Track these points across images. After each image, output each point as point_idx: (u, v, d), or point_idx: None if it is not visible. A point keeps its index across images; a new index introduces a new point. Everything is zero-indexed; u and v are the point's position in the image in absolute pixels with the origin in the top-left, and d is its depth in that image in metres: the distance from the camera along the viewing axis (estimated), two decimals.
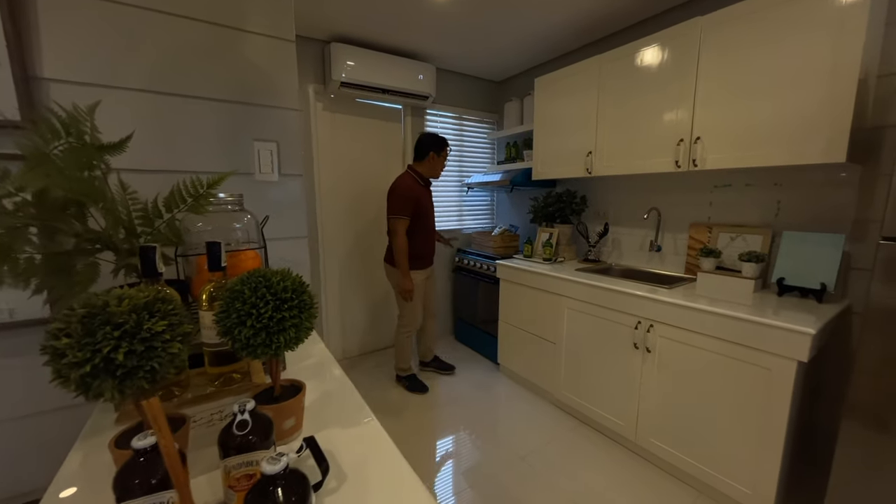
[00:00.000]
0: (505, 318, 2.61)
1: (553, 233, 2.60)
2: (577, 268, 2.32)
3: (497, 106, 3.34)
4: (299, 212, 1.18)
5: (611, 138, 2.12)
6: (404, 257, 2.22)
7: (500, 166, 3.12)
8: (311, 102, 2.51)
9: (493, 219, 3.61)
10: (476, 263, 2.94)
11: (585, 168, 2.25)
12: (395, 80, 2.59)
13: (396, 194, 2.23)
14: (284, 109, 1.12)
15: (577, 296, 2.05)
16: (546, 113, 2.51)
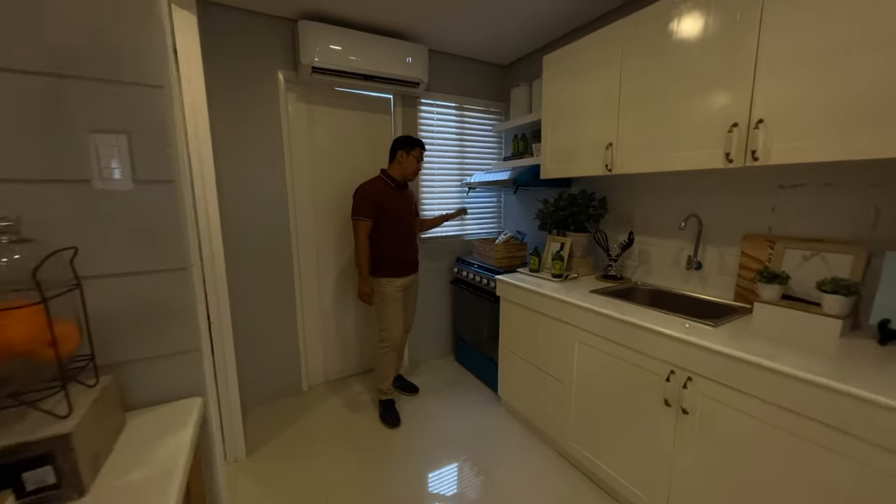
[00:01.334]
0: (506, 344, 2.20)
1: (565, 243, 2.16)
2: (592, 288, 1.87)
3: (504, 94, 2.90)
4: (174, 233, 0.83)
5: (637, 126, 1.66)
6: (363, 259, 2.06)
7: (507, 163, 2.70)
8: (281, 92, 2.18)
9: (500, 223, 3.18)
10: (475, 276, 2.54)
11: (604, 164, 1.80)
12: (377, 63, 2.22)
13: (357, 195, 2.08)
14: (140, 86, 0.77)
15: (591, 327, 1.61)
16: (556, 98, 2.07)
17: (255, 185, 2.18)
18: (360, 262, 2.06)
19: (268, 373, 2.36)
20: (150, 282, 0.81)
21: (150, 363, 0.83)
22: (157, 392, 0.84)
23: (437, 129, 2.75)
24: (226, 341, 1.76)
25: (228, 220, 2.13)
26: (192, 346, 0.87)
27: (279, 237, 2.29)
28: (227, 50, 2.01)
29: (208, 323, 1.53)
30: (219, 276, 1.71)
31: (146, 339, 0.82)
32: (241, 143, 2.12)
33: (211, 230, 1.67)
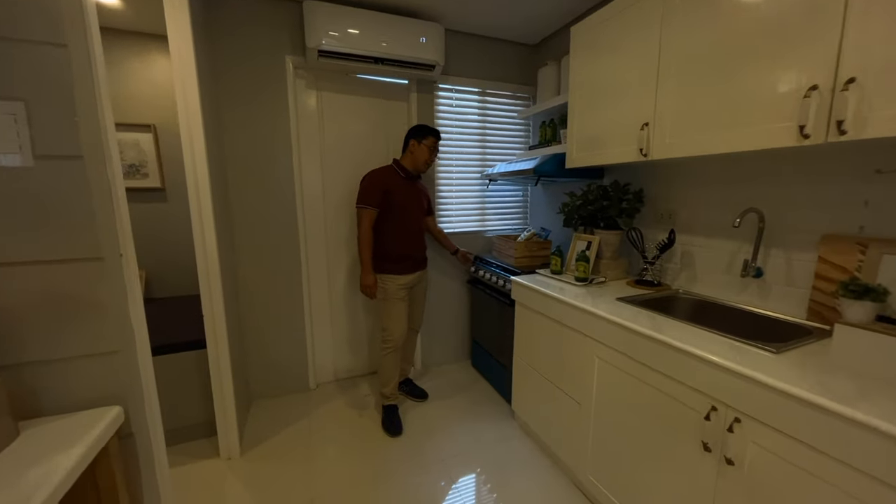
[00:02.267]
0: (520, 354, 1.97)
1: (592, 241, 1.87)
2: (621, 295, 1.59)
3: (532, 77, 2.63)
4: (84, 218, 0.71)
5: (680, 101, 1.36)
6: (366, 249, 1.94)
7: (533, 152, 2.44)
8: (290, 79, 2.10)
9: (526, 219, 2.92)
10: (492, 277, 2.32)
11: (638, 148, 1.51)
12: (388, 45, 2.06)
13: (364, 182, 1.97)
14: (35, 44, 0.66)
15: (614, 343, 1.35)
16: (583, 75, 1.79)
17: (261, 177, 2.12)
18: (361, 252, 1.95)
19: (275, 368, 2.31)
20: (53, 273, 0.70)
21: (57, 365, 0.73)
22: (67, 398, 0.74)
23: (457, 117, 2.55)
24: (219, 336, 1.70)
25: (236, 211, 2.09)
26: (111, 347, 0.76)
27: (287, 229, 2.22)
28: (233, 36, 1.96)
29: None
30: (212, 267, 1.65)
31: (50, 338, 0.72)
32: (248, 132, 2.06)
33: (203, 221, 1.62)
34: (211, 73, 1.84)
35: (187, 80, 1.51)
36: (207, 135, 1.62)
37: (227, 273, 1.86)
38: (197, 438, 1.91)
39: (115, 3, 1.93)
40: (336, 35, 1.95)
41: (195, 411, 1.88)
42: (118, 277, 0.79)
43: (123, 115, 2.36)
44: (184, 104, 1.52)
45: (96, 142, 0.74)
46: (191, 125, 1.54)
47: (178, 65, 1.49)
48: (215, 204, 1.67)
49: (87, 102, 0.72)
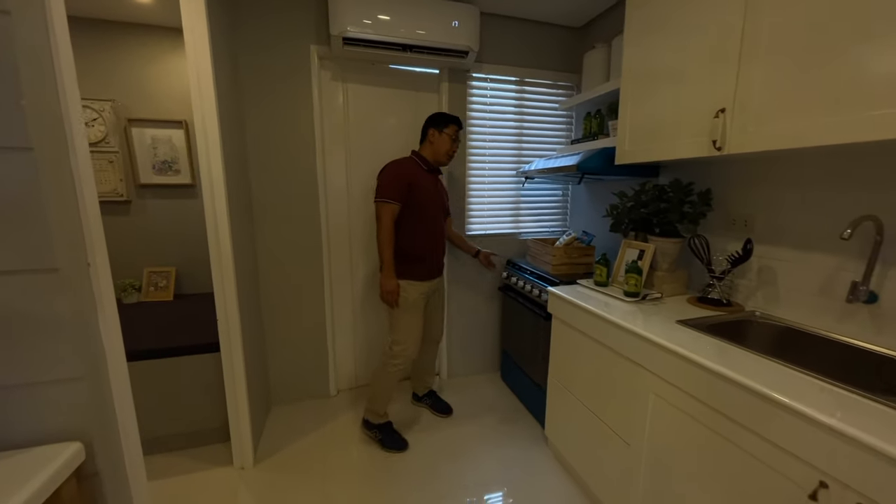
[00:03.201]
0: (556, 374, 1.74)
1: (645, 250, 1.61)
2: (682, 317, 1.33)
3: (577, 63, 2.37)
4: (30, 220, 0.60)
5: (774, 79, 1.08)
6: (388, 249, 1.73)
7: (576, 146, 2.18)
8: (314, 70, 1.99)
9: (565, 221, 2.66)
10: (525, 285, 2.10)
11: (710, 140, 1.24)
12: (417, 30, 1.89)
13: (385, 174, 1.78)
14: None
15: (675, 378, 1.10)
16: (640, 56, 1.52)
17: (283, 173, 2.03)
18: (382, 252, 1.74)
19: (295, 373, 2.23)
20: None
21: (7, 393, 0.62)
22: (22, 431, 0.64)
23: (492, 109, 2.35)
24: (233, 340, 1.62)
25: (257, 209, 2.02)
26: (70, 373, 0.65)
27: (309, 228, 2.12)
28: (256, 26, 1.87)
29: None
30: (226, 267, 1.57)
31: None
32: (270, 126, 1.98)
33: (218, 220, 1.53)
34: (232, 65, 1.76)
35: (202, 72, 1.42)
36: (223, 129, 1.54)
37: (245, 273, 1.78)
38: (214, 443, 1.86)
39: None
40: (361, 21, 1.81)
41: (213, 414, 1.82)
42: (82, 290, 0.67)
43: (157, 112, 2.36)
44: (198, 97, 1.44)
45: (53, 131, 0.62)
46: (205, 119, 1.46)
47: (192, 57, 1.40)
48: (231, 201, 1.59)
49: (40, 83, 0.60)
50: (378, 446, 1.87)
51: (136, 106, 2.31)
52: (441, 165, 1.89)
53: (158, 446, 1.79)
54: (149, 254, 2.45)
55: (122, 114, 2.30)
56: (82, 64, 2.18)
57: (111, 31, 2.18)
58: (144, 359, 1.70)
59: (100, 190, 2.30)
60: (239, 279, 1.65)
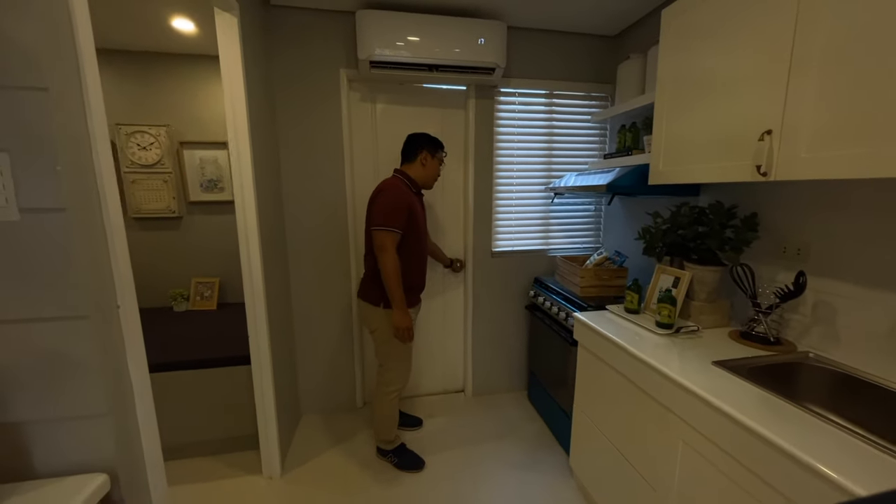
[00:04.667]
0: (581, 405, 1.66)
1: (681, 277, 1.49)
2: (719, 358, 1.21)
3: (611, 73, 2.26)
4: (69, 271, 0.66)
5: (828, 99, 0.96)
6: (397, 284, 1.61)
7: (609, 161, 2.08)
8: (344, 92, 2.05)
9: (598, 238, 2.54)
10: (552, 306, 2.03)
11: (754, 165, 1.12)
12: (442, 49, 1.89)
13: (386, 199, 1.64)
14: (14, 89, 0.61)
15: (708, 430, 1.01)
16: (676, 67, 1.42)
17: (313, 194, 2.11)
18: (393, 287, 1.60)
19: (324, 385, 2.30)
20: (35, 331, 0.66)
21: (40, 427, 0.69)
22: (53, 461, 0.70)
23: (520, 124, 2.29)
24: (262, 353, 1.70)
25: (288, 228, 2.11)
26: (95, 409, 0.70)
27: (337, 246, 2.19)
28: (290, 54, 1.96)
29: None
30: (256, 285, 1.65)
31: (33, 398, 0.68)
32: (302, 148, 2.06)
33: (249, 244, 1.62)
34: (266, 90, 1.86)
35: (236, 98, 1.51)
36: (255, 151, 1.62)
37: (276, 287, 1.86)
38: (248, 449, 1.96)
39: (192, 30, 2.06)
40: (387, 44, 1.84)
41: (247, 422, 1.92)
42: (111, 332, 0.73)
43: (204, 134, 2.54)
44: (232, 121, 1.53)
45: (85, 191, 0.68)
46: (238, 141, 1.55)
47: (227, 84, 1.50)
48: (262, 218, 1.68)
49: (75, 149, 0.66)
50: (394, 468, 1.87)
51: (187, 129, 2.51)
52: (426, 189, 1.84)
53: (197, 450, 1.92)
54: (196, 265, 2.64)
55: (175, 137, 2.51)
56: (141, 93, 2.40)
57: (165, 62, 2.38)
58: (186, 369, 1.84)
59: (154, 207, 2.52)
60: (269, 294, 1.73)
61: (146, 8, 1.84)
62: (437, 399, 2.48)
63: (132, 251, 2.44)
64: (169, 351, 1.93)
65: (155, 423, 0.84)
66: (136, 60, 2.35)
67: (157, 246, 2.57)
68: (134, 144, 2.46)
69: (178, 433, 1.85)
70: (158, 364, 1.81)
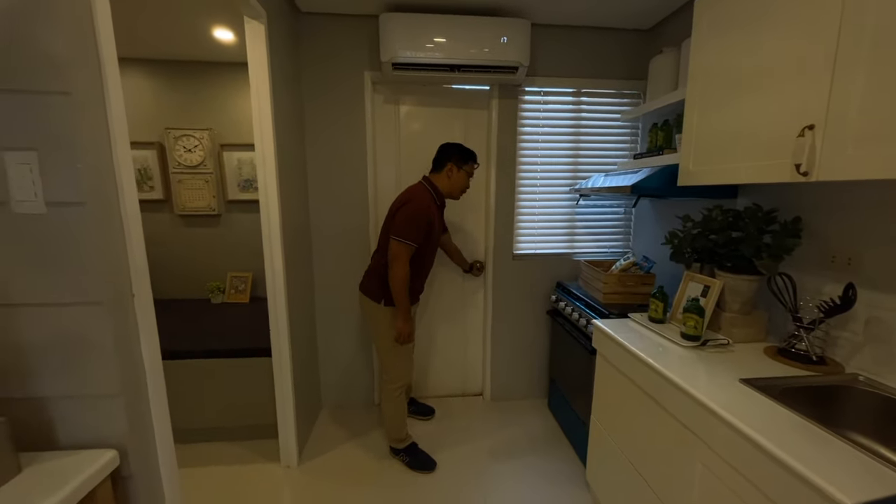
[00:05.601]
0: (599, 417, 1.58)
1: (711, 286, 1.38)
2: (748, 375, 1.11)
3: (643, 69, 2.15)
4: (87, 261, 0.72)
5: (878, 92, 0.85)
6: (404, 292, 1.66)
7: (639, 161, 1.97)
8: (368, 95, 2.09)
9: (628, 242, 2.42)
10: (573, 312, 1.95)
11: (793, 164, 1.02)
12: (465, 49, 1.88)
13: (410, 213, 1.65)
14: (41, 94, 0.67)
15: (729, 455, 0.92)
16: (709, 60, 1.32)
17: (336, 197, 2.17)
18: (401, 296, 1.65)
19: (343, 380, 2.36)
20: (56, 315, 0.72)
21: (60, 403, 0.75)
22: (71, 435, 0.77)
23: (545, 123, 2.23)
24: (282, 346, 1.77)
25: (314, 228, 2.19)
26: (109, 390, 0.76)
27: (358, 244, 2.24)
28: (317, 58, 2.03)
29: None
30: (278, 285, 1.72)
31: (53, 376, 0.74)
32: (327, 151, 2.13)
33: (272, 242, 1.69)
34: (293, 96, 1.93)
35: (262, 102, 1.58)
36: (280, 153, 1.69)
37: (298, 284, 1.94)
38: (268, 438, 2.04)
39: (232, 39, 2.19)
40: (409, 46, 1.86)
41: (270, 412, 2.01)
42: (126, 318, 0.79)
43: (242, 137, 2.68)
44: (259, 125, 1.60)
45: (104, 186, 0.74)
46: (263, 144, 1.62)
47: (255, 90, 1.57)
48: (285, 218, 1.75)
49: (95, 148, 0.72)
50: (407, 468, 1.88)
51: (227, 132, 2.67)
52: (452, 199, 1.84)
53: (222, 434, 2.03)
54: (232, 260, 2.80)
55: (216, 140, 2.68)
56: (187, 99, 2.59)
57: (208, 70, 2.56)
58: (215, 357, 1.95)
59: (196, 206, 2.70)
60: (290, 291, 1.80)
61: (191, 21, 1.98)
62: (455, 401, 2.46)
63: (177, 246, 2.62)
64: (201, 340, 2.05)
65: (166, 405, 0.90)
66: (184, 70, 2.54)
67: (198, 241, 2.75)
68: (181, 147, 2.65)
69: (204, 417, 1.97)
70: (189, 351, 1.94)
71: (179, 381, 1.92)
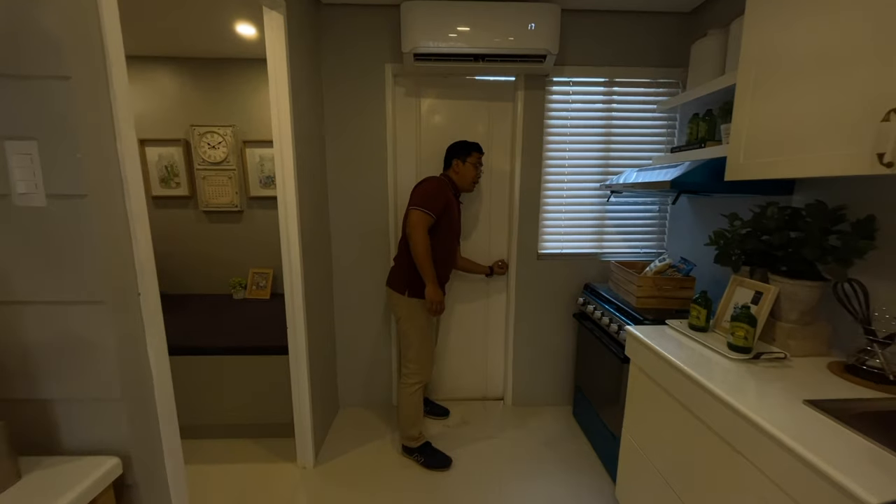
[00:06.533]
0: (632, 431, 1.47)
1: (764, 293, 1.24)
2: (812, 396, 0.97)
3: (682, 55, 1.99)
4: (82, 259, 0.68)
5: None
6: (428, 260, 1.66)
7: (677, 155, 1.82)
8: (389, 87, 2.03)
9: (662, 242, 2.26)
10: (602, 316, 1.82)
11: (875, 154, 0.87)
12: (489, 38, 1.78)
13: (428, 185, 1.74)
14: (40, 79, 0.63)
15: (793, 488, 0.80)
16: (768, 38, 1.17)
17: (356, 192, 2.12)
18: (424, 263, 1.66)
19: (361, 380, 2.32)
20: (59, 314, 0.69)
21: (61, 406, 0.72)
22: (73, 440, 0.73)
23: (574, 115, 2.11)
24: (299, 347, 1.74)
25: (333, 224, 2.15)
26: (112, 394, 0.72)
27: (379, 243, 2.18)
28: (337, 50, 1.98)
29: None
30: (295, 283, 1.69)
31: (55, 377, 0.71)
32: (348, 146, 2.08)
33: (290, 239, 1.66)
34: (314, 89, 1.89)
35: (280, 98, 1.55)
36: (298, 149, 1.65)
37: (317, 283, 1.90)
38: (285, 437, 2.02)
39: (254, 35, 2.18)
40: (431, 35, 1.78)
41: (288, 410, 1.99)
42: (128, 320, 0.74)
43: (263, 133, 2.68)
44: (277, 121, 1.57)
45: (107, 178, 0.70)
46: (282, 140, 1.58)
47: (273, 86, 1.54)
48: (303, 215, 1.71)
49: (96, 137, 0.68)
50: (421, 468, 1.83)
51: (249, 129, 2.67)
52: (466, 192, 1.92)
53: (240, 431, 2.02)
54: (255, 256, 2.81)
55: (239, 137, 2.69)
56: (212, 96, 2.61)
57: (232, 66, 2.56)
58: (234, 354, 1.94)
59: (219, 202, 2.72)
60: (308, 288, 1.76)
61: (213, 16, 1.97)
62: (475, 405, 2.38)
63: (201, 241, 2.62)
64: (221, 336, 2.05)
65: (174, 411, 0.86)
66: (209, 66, 2.55)
67: (221, 237, 2.78)
68: (205, 144, 2.67)
69: (222, 413, 1.97)
70: (208, 347, 1.94)
71: (198, 377, 1.93)
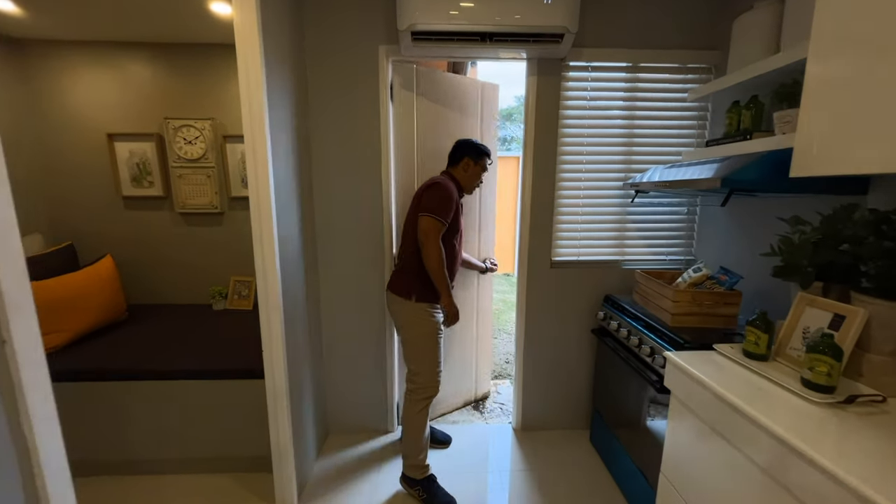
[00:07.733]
0: (670, 473, 1.22)
1: (848, 315, 1.00)
2: None
3: (716, 37, 1.75)
4: None
5: None
6: (442, 271, 1.55)
7: (712, 149, 1.58)
8: (383, 73, 1.78)
9: (690, 249, 2.02)
10: (629, 334, 1.58)
11: None
12: (499, 13, 1.54)
13: (439, 190, 1.57)
14: None
15: None
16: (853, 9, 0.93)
17: (345, 192, 1.86)
18: (439, 275, 1.55)
19: (354, 404, 2.07)
20: None
21: None
22: None
23: (592, 105, 1.87)
24: (276, 370, 1.48)
25: (322, 231, 1.90)
26: None
27: (371, 250, 1.93)
28: (322, 28, 1.74)
29: None
30: (272, 295, 1.43)
31: None
32: (337, 140, 1.83)
33: (264, 246, 1.41)
34: (295, 71, 1.64)
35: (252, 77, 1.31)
36: (275, 143, 1.41)
37: (297, 294, 1.65)
38: (265, 471, 1.77)
39: (230, 14, 1.93)
40: (431, 10, 1.53)
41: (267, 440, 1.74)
42: None
43: None
44: (248, 112, 1.32)
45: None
46: (254, 133, 1.34)
47: (242, 59, 1.30)
48: (280, 219, 1.46)
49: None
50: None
51: (230, 122, 2.42)
52: (466, 194, 1.77)
53: (215, 465, 1.77)
54: (236, 263, 2.55)
55: (219, 131, 2.43)
56: (187, 87, 2.35)
57: (210, 53, 2.31)
58: (205, 378, 1.69)
59: (198, 202, 2.46)
60: (288, 304, 1.52)
61: None
62: (478, 428, 2.14)
63: (177, 247, 2.34)
64: (192, 356, 1.79)
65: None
66: (184, 53, 2.30)
67: (199, 241, 2.52)
68: (181, 139, 2.42)
69: (188, 446, 1.72)
70: (179, 371, 1.69)
71: (160, 404, 1.68)
